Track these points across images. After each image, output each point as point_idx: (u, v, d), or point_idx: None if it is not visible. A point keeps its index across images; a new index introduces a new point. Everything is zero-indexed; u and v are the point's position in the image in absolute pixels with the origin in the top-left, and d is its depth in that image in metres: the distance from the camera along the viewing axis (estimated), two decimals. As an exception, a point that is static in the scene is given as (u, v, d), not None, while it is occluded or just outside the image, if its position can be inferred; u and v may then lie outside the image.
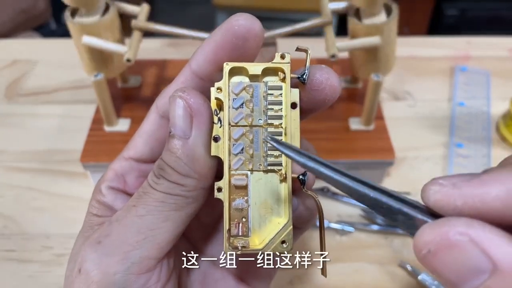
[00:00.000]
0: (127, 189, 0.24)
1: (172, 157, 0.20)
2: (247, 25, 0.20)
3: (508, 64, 0.63)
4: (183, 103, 0.20)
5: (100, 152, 0.46)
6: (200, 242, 0.26)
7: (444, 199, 0.16)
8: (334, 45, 0.41)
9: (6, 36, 0.88)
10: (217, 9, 1.40)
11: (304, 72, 0.21)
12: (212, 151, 0.21)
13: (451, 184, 0.16)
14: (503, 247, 0.14)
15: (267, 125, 0.21)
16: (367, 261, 0.42)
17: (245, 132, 0.21)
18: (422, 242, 0.15)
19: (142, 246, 0.20)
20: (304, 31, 0.44)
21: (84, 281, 0.20)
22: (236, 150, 0.21)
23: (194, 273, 0.25)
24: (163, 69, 0.56)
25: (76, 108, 0.56)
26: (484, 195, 0.15)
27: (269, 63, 0.21)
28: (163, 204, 0.20)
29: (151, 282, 0.21)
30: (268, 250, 0.21)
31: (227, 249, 0.21)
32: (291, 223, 0.21)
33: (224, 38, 0.21)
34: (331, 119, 0.49)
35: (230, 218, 0.21)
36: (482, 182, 0.15)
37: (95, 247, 0.21)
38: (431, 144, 0.52)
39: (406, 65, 0.61)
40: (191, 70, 0.22)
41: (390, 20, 0.42)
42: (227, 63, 0.21)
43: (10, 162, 0.50)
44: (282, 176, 0.21)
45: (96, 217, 0.23)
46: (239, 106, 0.21)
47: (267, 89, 0.21)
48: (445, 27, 1.39)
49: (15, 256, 0.43)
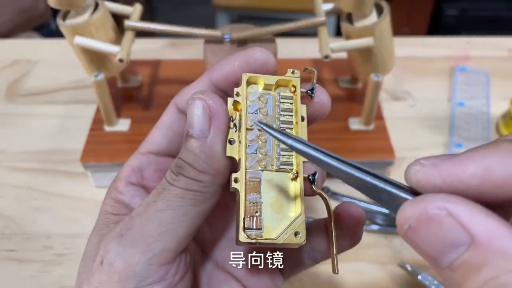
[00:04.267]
0: (145, 183, 0.25)
1: (191, 155, 0.21)
2: (262, 60, 0.23)
3: (508, 64, 0.63)
4: (203, 103, 0.21)
5: (101, 152, 0.46)
6: (208, 245, 0.26)
7: (424, 178, 0.16)
8: (328, 46, 0.41)
9: (6, 36, 0.88)
10: (217, 9, 1.40)
11: (312, 87, 0.24)
12: (227, 152, 0.22)
13: (431, 164, 0.16)
14: (481, 220, 0.14)
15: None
16: (367, 261, 0.43)
17: (259, 135, 0.23)
18: (403, 218, 0.16)
19: (163, 238, 0.21)
20: (301, 31, 0.44)
21: (107, 271, 0.21)
22: (251, 150, 0.22)
23: (201, 275, 0.25)
24: (163, 69, 0.56)
25: (76, 108, 0.56)
26: (460, 173, 0.15)
27: (281, 76, 0.24)
28: (182, 199, 0.21)
29: (170, 274, 0.22)
30: (281, 241, 0.21)
31: (242, 238, 0.21)
32: (304, 216, 0.22)
33: (241, 65, 0.23)
34: (331, 119, 0.50)
35: (246, 209, 0.21)
36: (459, 161, 0.16)
37: (118, 239, 0.21)
38: (430, 144, 0.52)
39: (405, 65, 0.61)
40: (210, 79, 0.24)
41: (381, 20, 0.42)
42: (245, 73, 0.23)
43: (10, 162, 0.51)
44: (293, 175, 0.22)
45: (112, 215, 0.24)
46: (254, 112, 0.23)
47: (279, 98, 0.24)
48: (445, 27, 1.39)
49: (15, 256, 0.43)
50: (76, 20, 0.42)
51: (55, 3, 0.41)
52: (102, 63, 0.45)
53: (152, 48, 0.65)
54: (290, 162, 0.23)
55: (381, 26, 0.42)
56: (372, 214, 0.45)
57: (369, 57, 0.44)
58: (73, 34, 0.42)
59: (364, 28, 0.42)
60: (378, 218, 0.45)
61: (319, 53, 0.42)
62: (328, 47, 0.41)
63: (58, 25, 0.42)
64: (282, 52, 0.46)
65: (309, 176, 0.22)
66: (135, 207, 0.23)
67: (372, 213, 0.45)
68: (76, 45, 0.42)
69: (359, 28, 0.43)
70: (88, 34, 0.42)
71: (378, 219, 0.45)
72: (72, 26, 0.42)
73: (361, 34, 0.43)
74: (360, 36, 0.43)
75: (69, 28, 0.42)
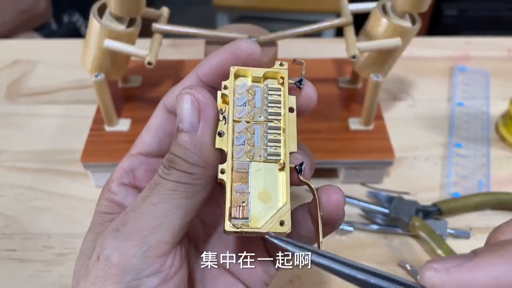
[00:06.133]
0: (137, 183, 0.26)
1: (182, 149, 0.22)
2: (248, 51, 0.23)
3: (508, 64, 0.63)
4: (191, 98, 0.22)
5: (101, 152, 0.46)
6: (201, 242, 0.27)
7: (440, 284, 0.18)
8: (355, 46, 0.41)
9: (6, 37, 0.88)
10: (218, 9, 1.40)
11: (300, 79, 0.24)
12: (216, 144, 0.22)
13: (444, 269, 0.18)
14: None
15: (266, 121, 0.23)
16: (367, 261, 0.43)
17: (247, 127, 0.23)
18: None
19: (157, 231, 0.22)
20: (312, 32, 0.44)
21: (104, 266, 0.21)
22: (239, 141, 0.23)
23: (195, 270, 0.26)
24: (164, 69, 0.56)
25: (77, 108, 0.57)
26: (473, 281, 0.17)
27: (269, 68, 0.24)
28: (175, 192, 0.22)
29: (166, 266, 0.22)
30: (267, 230, 0.22)
31: (228, 227, 0.21)
32: (289, 205, 0.22)
33: (228, 57, 0.24)
34: (331, 119, 0.50)
35: (232, 199, 0.22)
36: (471, 268, 0.17)
37: (114, 234, 0.22)
38: (430, 144, 0.53)
39: (405, 66, 0.61)
40: (197, 76, 0.24)
41: (415, 27, 0.42)
42: (233, 67, 0.23)
43: (11, 162, 0.51)
44: (280, 166, 0.23)
45: (106, 215, 0.25)
46: (242, 104, 0.23)
47: (267, 90, 0.24)
48: (445, 28, 1.39)
49: (16, 255, 0.43)
50: (116, 25, 0.42)
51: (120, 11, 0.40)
52: (112, 66, 0.44)
53: (152, 48, 0.65)
54: (278, 153, 0.23)
55: (412, 32, 0.43)
56: (372, 214, 0.45)
57: (385, 58, 0.44)
58: (104, 35, 0.41)
59: (399, 26, 0.42)
60: (378, 218, 0.45)
61: (346, 53, 0.41)
62: (356, 47, 0.41)
63: (93, 17, 0.41)
64: (282, 52, 0.46)
65: (296, 166, 0.23)
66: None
67: (372, 213, 0.45)
68: (104, 47, 0.42)
69: (395, 24, 0.42)
70: (118, 39, 0.42)
71: (378, 219, 0.45)
72: (110, 30, 0.41)
73: (393, 31, 0.42)
74: (390, 33, 0.42)
75: (104, 28, 0.41)
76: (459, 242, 0.44)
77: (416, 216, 0.44)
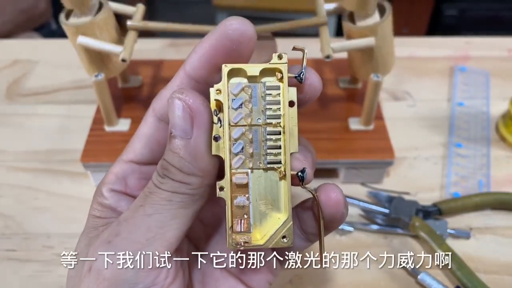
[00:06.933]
0: (128, 191, 0.25)
1: (176, 157, 0.21)
2: (241, 28, 0.20)
3: (508, 64, 0.63)
4: (183, 104, 0.20)
5: (101, 152, 0.46)
6: (201, 242, 0.26)
7: None
8: (329, 46, 0.41)
9: (6, 37, 0.88)
10: (217, 9, 1.40)
11: (301, 71, 0.22)
12: (213, 150, 0.21)
13: None
14: None
15: (265, 124, 0.22)
16: (367, 261, 0.43)
17: (244, 132, 0.21)
18: None
19: (151, 243, 0.21)
20: (301, 31, 0.44)
21: (95, 279, 0.21)
22: (237, 149, 0.21)
23: (194, 273, 0.25)
24: (164, 69, 0.56)
25: (77, 108, 0.57)
26: None
27: (267, 64, 0.22)
28: (170, 202, 0.21)
29: (160, 278, 0.21)
30: (269, 246, 0.22)
31: (230, 246, 0.21)
32: (291, 219, 0.22)
33: (218, 41, 0.21)
34: (331, 119, 0.50)
35: (233, 215, 0.21)
36: None
37: (106, 246, 0.21)
38: (430, 144, 0.53)
39: (405, 65, 0.61)
40: (186, 73, 0.22)
41: (383, 20, 0.42)
42: (226, 65, 0.21)
43: (11, 162, 0.51)
44: (281, 174, 0.22)
45: (99, 219, 0.24)
46: (238, 106, 0.21)
47: (265, 89, 0.22)
48: (445, 28, 1.40)
49: (15, 255, 0.43)
50: (80, 19, 0.42)
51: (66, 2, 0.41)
52: (104, 63, 0.45)
53: (152, 48, 0.65)
54: (278, 160, 0.22)
55: (383, 26, 0.42)
56: (372, 214, 0.45)
57: (370, 57, 0.44)
58: (76, 34, 0.42)
59: (366, 28, 0.42)
60: (378, 218, 0.45)
61: (321, 53, 0.42)
62: (330, 47, 0.41)
63: (61, 24, 0.42)
64: (281, 52, 0.46)
65: (298, 173, 0.22)
66: (122, 211, 0.23)
67: (372, 213, 0.45)
68: (79, 44, 0.42)
69: (361, 27, 0.43)
70: (91, 34, 0.42)
71: (378, 219, 0.45)
72: (76, 26, 0.42)
73: (363, 34, 0.43)
74: (362, 36, 0.43)
75: (71, 27, 0.42)
76: (459, 242, 0.44)
77: (416, 216, 0.44)
